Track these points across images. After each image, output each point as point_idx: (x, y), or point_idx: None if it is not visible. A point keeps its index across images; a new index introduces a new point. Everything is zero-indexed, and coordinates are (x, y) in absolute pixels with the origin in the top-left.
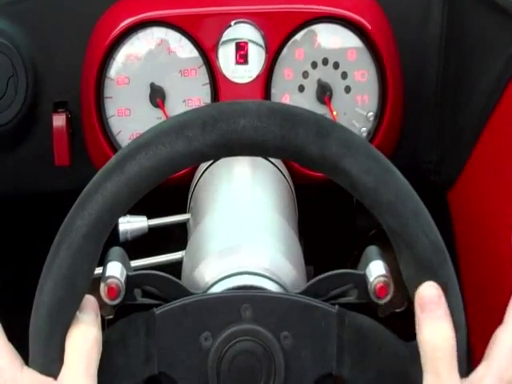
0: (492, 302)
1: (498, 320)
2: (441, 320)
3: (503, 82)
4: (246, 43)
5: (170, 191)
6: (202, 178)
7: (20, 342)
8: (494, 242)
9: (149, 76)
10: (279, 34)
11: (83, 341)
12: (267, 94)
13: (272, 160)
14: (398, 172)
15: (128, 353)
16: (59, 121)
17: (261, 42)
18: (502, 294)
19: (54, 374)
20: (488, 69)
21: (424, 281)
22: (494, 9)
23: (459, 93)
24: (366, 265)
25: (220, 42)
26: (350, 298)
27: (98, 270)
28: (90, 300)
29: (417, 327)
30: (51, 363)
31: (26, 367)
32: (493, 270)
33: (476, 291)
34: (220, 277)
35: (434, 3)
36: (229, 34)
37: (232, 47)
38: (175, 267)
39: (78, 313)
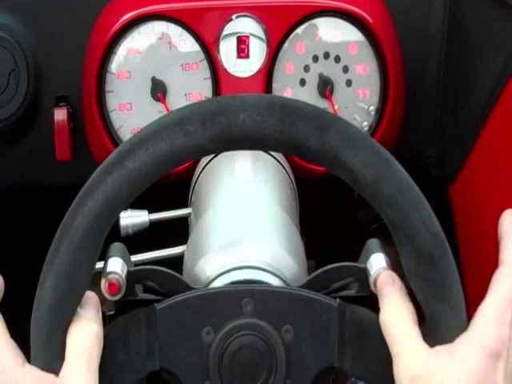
0: None
1: None
2: (395, 300)
3: (504, 78)
4: (248, 37)
5: (172, 185)
6: (204, 172)
7: (22, 339)
8: (495, 236)
9: (150, 70)
10: (280, 27)
11: (84, 337)
12: (268, 88)
13: (273, 154)
14: (398, 165)
15: (129, 348)
16: (60, 115)
17: (262, 35)
18: None
19: (56, 370)
20: (489, 64)
21: (424, 273)
22: (495, 4)
23: (461, 87)
24: (367, 258)
25: (221, 36)
26: (351, 291)
27: (99, 265)
28: (90, 296)
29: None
30: (52, 360)
31: (27, 364)
32: (494, 263)
33: (477, 284)
34: (221, 271)
35: None
36: (230, 27)
37: (233, 41)
38: (176, 262)
39: (79, 309)
